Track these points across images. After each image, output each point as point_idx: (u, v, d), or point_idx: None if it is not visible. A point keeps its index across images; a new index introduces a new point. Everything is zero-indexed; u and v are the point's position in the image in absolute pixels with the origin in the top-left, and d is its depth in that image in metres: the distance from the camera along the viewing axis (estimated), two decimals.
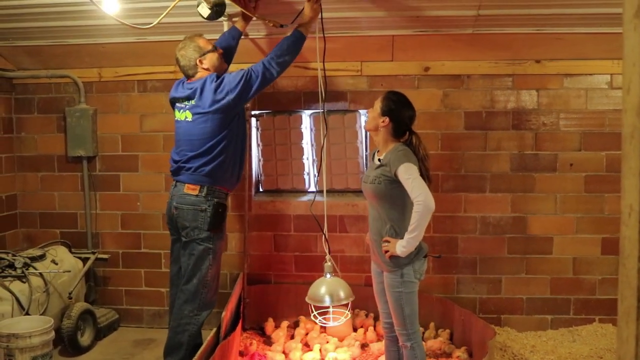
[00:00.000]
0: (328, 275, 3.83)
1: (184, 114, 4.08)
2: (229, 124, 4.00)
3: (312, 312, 3.96)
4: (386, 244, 3.45)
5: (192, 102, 4.02)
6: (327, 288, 3.76)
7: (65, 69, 5.27)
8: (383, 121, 3.52)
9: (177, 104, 4.17)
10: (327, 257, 3.88)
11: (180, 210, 4.03)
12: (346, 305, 3.88)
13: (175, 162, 4.13)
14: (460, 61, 4.96)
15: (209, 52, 4.07)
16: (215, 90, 3.92)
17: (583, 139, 4.97)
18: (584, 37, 4.63)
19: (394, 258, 3.42)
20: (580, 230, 5.02)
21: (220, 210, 4.05)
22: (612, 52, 4.76)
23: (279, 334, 4.78)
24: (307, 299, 3.81)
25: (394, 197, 3.43)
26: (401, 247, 3.34)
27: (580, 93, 4.95)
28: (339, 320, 4.05)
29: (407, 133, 3.56)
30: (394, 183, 3.40)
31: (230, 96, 3.90)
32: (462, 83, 5.01)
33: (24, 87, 5.41)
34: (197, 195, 3.99)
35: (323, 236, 4.08)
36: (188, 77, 4.13)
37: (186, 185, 4.02)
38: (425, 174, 3.46)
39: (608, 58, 4.85)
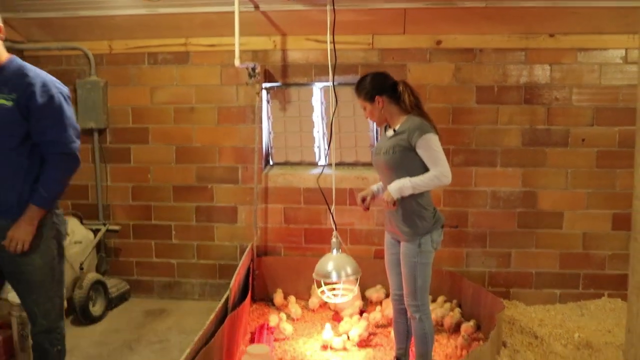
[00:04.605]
0: (335, 251, 3.85)
1: None
2: None
3: (318, 287, 3.99)
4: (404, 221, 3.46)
5: None
6: (334, 264, 3.78)
7: (75, 41, 5.26)
8: (379, 103, 3.50)
9: None
10: (334, 233, 3.89)
11: None
12: (354, 281, 3.90)
13: None
14: (473, 35, 4.92)
15: None
16: None
17: (596, 114, 4.93)
18: (599, 10, 4.57)
19: (413, 227, 3.42)
20: (591, 206, 5.01)
21: None
22: (628, 26, 4.71)
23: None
24: (314, 275, 3.83)
25: (409, 167, 3.39)
26: (396, 185, 3.35)
27: (594, 68, 4.91)
28: (345, 296, 4.07)
29: (397, 89, 3.53)
30: (410, 152, 3.37)
31: None
32: (475, 57, 4.97)
33: (34, 60, 5.39)
34: None
35: (331, 212, 4.09)
36: None
37: None
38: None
39: (623, 32, 4.80)
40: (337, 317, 4.82)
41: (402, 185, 3.33)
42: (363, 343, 4.36)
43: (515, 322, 4.64)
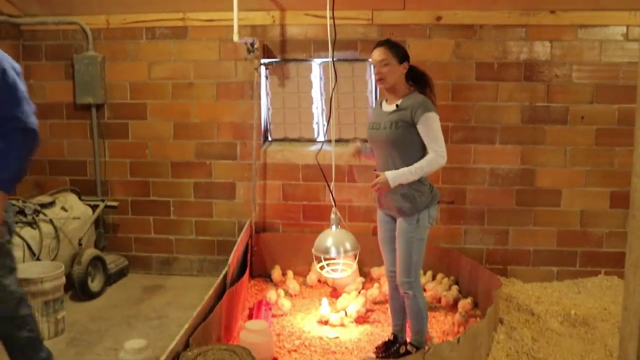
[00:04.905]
0: (334, 227, 3.85)
1: None
2: None
3: (317, 263, 4.00)
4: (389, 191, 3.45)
5: None
6: (333, 240, 3.78)
7: (73, 15, 5.20)
8: (404, 68, 3.49)
9: None
10: (334, 209, 3.89)
11: None
12: (353, 257, 3.91)
13: None
14: (473, 11, 4.87)
15: None
16: None
17: (595, 91, 4.91)
18: None
19: (412, 203, 3.42)
20: (589, 184, 5.01)
21: None
22: (629, 3, 4.67)
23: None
24: (313, 251, 3.84)
25: (409, 143, 3.40)
26: (393, 175, 3.35)
27: (594, 45, 4.87)
28: (345, 271, 4.08)
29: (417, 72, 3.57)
30: (412, 128, 3.37)
31: None
32: (475, 33, 4.93)
33: (31, 34, 5.36)
34: None
35: (331, 188, 4.09)
36: None
37: None
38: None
39: (624, 9, 4.76)
40: (334, 293, 4.84)
41: (402, 175, 3.34)
42: (360, 319, 4.38)
43: (513, 300, 4.66)
